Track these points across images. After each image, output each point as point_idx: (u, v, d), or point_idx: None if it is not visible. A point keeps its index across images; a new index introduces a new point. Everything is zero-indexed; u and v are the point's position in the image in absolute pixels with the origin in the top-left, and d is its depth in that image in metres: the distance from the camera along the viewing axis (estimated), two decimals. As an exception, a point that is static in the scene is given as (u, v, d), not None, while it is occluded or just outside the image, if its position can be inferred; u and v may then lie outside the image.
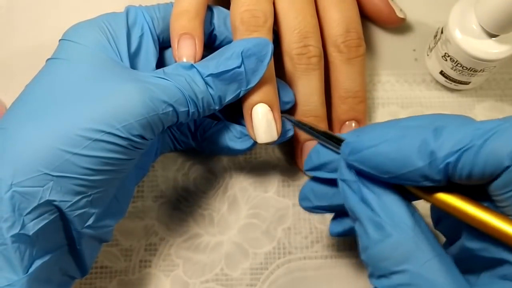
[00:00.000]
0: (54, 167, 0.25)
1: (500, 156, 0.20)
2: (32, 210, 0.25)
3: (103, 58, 0.29)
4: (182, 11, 0.31)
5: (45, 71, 0.29)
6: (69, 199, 0.26)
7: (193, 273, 0.35)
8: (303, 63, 0.33)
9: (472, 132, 0.21)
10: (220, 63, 0.29)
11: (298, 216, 0.36)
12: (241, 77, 0.29)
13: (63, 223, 0.27)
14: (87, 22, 0.30)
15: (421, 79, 0.39)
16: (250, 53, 0.29)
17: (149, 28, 0.32)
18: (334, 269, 0.35)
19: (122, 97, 0.27)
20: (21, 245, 0.25)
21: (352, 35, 0.34)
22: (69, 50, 0.29)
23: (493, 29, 0.32)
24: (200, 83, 0.29)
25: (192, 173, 0.37)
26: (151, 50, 0.32)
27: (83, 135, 0.25)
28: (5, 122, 0.27)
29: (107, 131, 0.26)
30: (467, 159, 0.21)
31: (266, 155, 0.37)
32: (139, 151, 0.28)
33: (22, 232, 0.25)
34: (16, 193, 0.25)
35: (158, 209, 0.36)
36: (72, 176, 0.26)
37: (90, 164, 0.26)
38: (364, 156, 0.24)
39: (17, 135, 0.26)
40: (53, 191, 0.25)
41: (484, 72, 0.35)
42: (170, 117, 0.28)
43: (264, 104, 0.31)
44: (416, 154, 0.22)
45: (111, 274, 0.35)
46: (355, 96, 0.35)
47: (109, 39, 0.30)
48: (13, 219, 0.25)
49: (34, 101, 0.27)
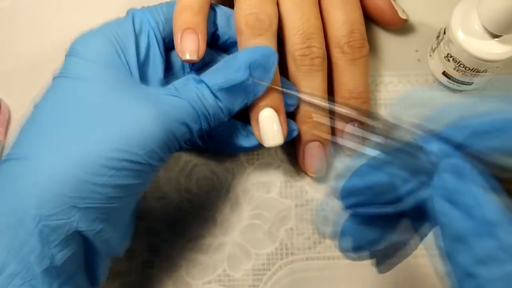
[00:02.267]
0: (81, 198, 0.25)
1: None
2: (61, 242, 0.25)
3: (113, 75, 0.28)
4: (185, 6, 0.31)
5: (54, 91, 0.28)
6: (95, 228, 0.26)
7: (196, 274, 0.35)
8: (306, 64, 0.33)
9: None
10: (229, 77, 0.29)
11: (300, 217, 0.36)
12: (249, 89, 0.30)
13: (85, 246, 0.27)
14: (93, 33, 0.30)
15: (423, 80, 0.39)
16: (257, 65, 0.29)
17: (155, 33, 0.31)
18: (337, 270, 0.35)
19: (141, 122, 0.26)
20: (50, 278, 0.25)
21: (355, 35, 0.34)
22: (77, 67, 0.28)
23: (495, 30, 0.32)
24: (209, 97, 0.29)
25: (194, 174, 0.37)
26: (158, 57, 0.32)
27: (107, 164, 0.25)
28: (22, 148, 0.26)
29: (129, 159, 0.26)
30: None
31: (268, 156, 0.37)
32: (157, 171, 0.28)
33: (51, 265, 0.25)
34: (44, 227, 0.25)
35: (160, 210, 0.36)
36: (98, 205, 0.26)
37: (114, 193, 0.26)
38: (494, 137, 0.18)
39: (39, 165, 0.25)
40: (80, 221, 0.25)
41: (487, 73, 0.35)
42: (185, 135, 0.28)
43: (270, 109, 0.31)
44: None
45: (113, 275, 0.35)
46: (358, 97, 0.35)
47: (118, 51, 0.29)
48: (43, 253, 0.25)
49: (48, 125, 0.27)
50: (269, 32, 0.32)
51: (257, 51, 0.30)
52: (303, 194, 0.36)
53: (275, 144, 0.32)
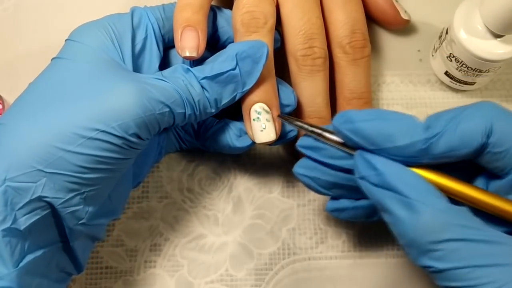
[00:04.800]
0: (48, 163, 0.26)
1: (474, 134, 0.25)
2: (24, 205, 0.26)
3: (104, 58, 0.29)
4: (186, 4, 0.31)
5: (48, 70, 0.29)
6: (62, 196, 0.26)
7: (198, 274, 0.35)
8: (308, 65, 0.33)
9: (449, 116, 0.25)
10: (215, 66, 0.29)
11: (302, 217, 0.36)
12: (237, 80, 0.30)
13: (55, 219, 0.27)
14: (92, 22, 0.31)
15: (426, 80, 0.39)
16: (245, 55, 0.29)
17: (153, 29, 0.32)
18: (339, 270, 0.35)
19: (118, 96, 0.27)
20: (12, 239, 0.25)
21: (357, 36, 0.34)
22: (73, 49, 0.29)
23: (498, 30, 0.32)
24: (196, 86, 0.29)
25: (196, 174, 0.37)
26: (155, 51, 0.32)
27: (78, 133, 0.26)
28: (5, 118, 0.28)
29: (102, 129, 0.26)
30: (445, 140, 0.25)
31: (270, 156, 0.37)
32: (135, 151, 0.28)
33: (13, 226, 0.25)
34: (9, 188, 0.25)
35: (163, 209, 0.36)
36: (65, 173, 0.26)
37: (84, 162, 0.26)
38: (357, 127, 0.26)
39: (13, 131, 0.26)
40: (46, 187, 0.26)
41: (489, 73, 0.35)
42: (167, 118, 0.28)
43: (262, 104, 0.31)
44: (397, 135, 0.25)
45: (116, 274, 0.35)
46: (360, 97, 0.34)
47: (113, 40, 0.30)
48: (5, 214, 0.25)
49: (34, 99, 0.28)
50: (264, 29, 0.32)
51: (246, 43, 0.30)
52: (305, 194, 0.36)
53: (266, 140, 0.31)
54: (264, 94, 0.31)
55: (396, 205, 0.24)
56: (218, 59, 0.30)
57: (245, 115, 0.32)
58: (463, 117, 0.25)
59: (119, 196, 0.31)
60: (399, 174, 0.25)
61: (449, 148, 0.25)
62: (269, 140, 0.31)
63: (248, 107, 0.31)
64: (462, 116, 0.25)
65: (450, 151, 0.25)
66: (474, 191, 0.26)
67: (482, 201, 0.25)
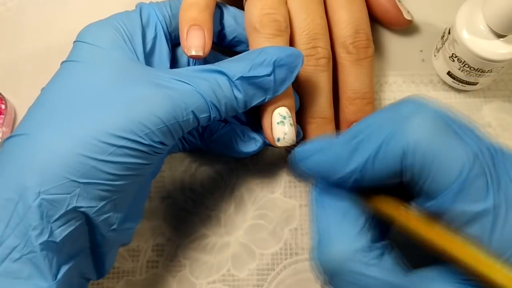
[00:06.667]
0: (81, 174, 0.25)
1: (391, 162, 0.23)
2: (60, 217, 0.25)
3: (120, 59, 0.29)
4: (192, 3, 0.31)
5: (61, 74, 0.29)
6: (95, 205, 0.26)
7: (200, 274, 0.35)
8: (311, 65, 0.33)
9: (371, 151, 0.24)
10: (251, 68, 0.29)
11: (305, 217, 0.36)
12: (269, 85, 0.29)
13: (88, 227, 0.27)
14: (101, 22, 0.30)
15: (428, 80, 0.39)
16: (282, 63, 0.29)
17: (162, 27, 0.32)
18: (341, 270, 0.35)
19: (145, 104, 0.27)
20: (49, 253, 0.25)
21: (361, 36, 0.34)
22: (85, 52, 0.29)
23: (500, 30, 0.31)
24: (225, 86, 0.28)
25: (199, 174, 0.37)
26: (165, 49, 0.32)
27: (108, 142, 0.26)
28: (26, 127, 0.27)
29: (131, 138, 0.26)
30: (370, 170, 0.24)
31: (272, 156, 0.37)
32: (160, 155, 0.28)
33: (50, 239, 0.25)
34: (44, 201, 0.25)
35: (165, 210, 0.36)
36: (98, 182, 0.26)
37: (115, 170, 0.26)
38: (307, 163, 0.26)
39: (41, 142, 0.26)
40: (80, 197, 0.26)
41: (492, 73, 0.35)
42: (191, 123, 0.28)
43: (285, 108, 0.31)
44: (335, 167, 0.25)
45: (118, 274, 0.35)
46: (363, 97, 0.34)
47: (125, 39, 0.30)
48: (42, 227, 0.25)
49: (54, 105, 0.27)
50: (286, 34, 0.32)
51: (284, 50, 0.30)
52: (308, 194, 0.36)
53: (287, 143, 0.31)
54: (288, 99, 0.31)
55: (317, 231, 0.25)
56: (254, 61, 0.29)
57: (267, 117, 0.31)
58: (384, 141, 0.23)
59: (142, 198, 0.31)
60: (331, 211, 0.25)
61: (376, 179, 0.24)
62: (290, 144, 0.31)
63: (271, 110, 0.31)
64: (384, 138, 0.23)
65: (378, 180, 0.24)
66: (404, 217, 0.24)
67: (412, 231, 0.24)
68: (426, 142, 0.22)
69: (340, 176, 0.25)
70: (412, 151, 0.22)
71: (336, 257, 0.24)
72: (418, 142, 0.22)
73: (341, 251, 0.24)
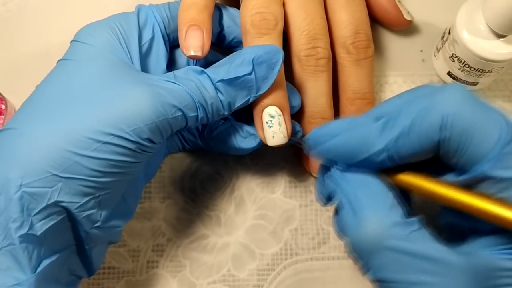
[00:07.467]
0: (63, 168, 0.25)
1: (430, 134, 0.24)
2: (41, 210, 0.25)
3: (113, 59, 0.29)
4: (191, 3, 0.31)
5: (55, 72, 0.29)
6: (78, 200, 0.26)
7: (200, 274, 0.35)
8: (311, 65, 0.33)
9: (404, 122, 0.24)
10: (231, 69, 0.29)
11: (305, 217, 0.36)
12: (251, 84, 0.29)
13: (71, 223, 0.27)
14: (98, 22, 0.31)
15: (428, 80, 0.39)
16: (261, 61, 0.29)
17: (160, 28, 0.32)
18: (341, 270, 0.35)
19: (132, 101, 0.27)
20: (29, 245, 0.25)
21: (361, 36, 0.34)
22: (79, 51, 0.29)
23: (501, 30, 0.31)
24: (210, 88, 0.29)
25: (199, 175, 0.37)
26: (162, 51, 0.32)
27: (93, 137, 0.26)
28: (15, 122, 0.27)
29: (116, 134, 0.26)
30: (403, 145, 0.24)
31: (273, 156, 0.37)
32: (148, 154, 0.28)
33: (30, 232, 0.25)
34: (25, 194, 0.25)
35: (165, 210, 0.36)
36: (81, 177, 0.26)
37: (99, 166, 0.26)
38: (327, 147, 0.26)
39: (26, 136, 0.26)
40: (62, 192, 0.26)
41: (492, 73, 0.35)
42: (179, 121, 0.28)
43: (274, 107, 0.31)
44: (361, 147, 0.25)
45: (118, 274, 0.35)
46: (363, 98, 0.34)
47: (120, 40, 0.30)
48: (22, 219, 0.25)
49: (44, 102, 0.28)
50: (275, 32, 0.32)
51: (262, 47, 0.30)
52: (308, 194, 0.36)
53: (278, 143, 0.31)
54: (276, 97, 0.31)
55: (347, 210, 0.25)
56: (233, 62, 0.29)
57: (257, 117, 0.31)
58: (418, 115, 0.24)
59: (132, 198, 0.31)
60: (359, 187, 0.25)
61: (407, 156, 0.25)
62: (282, 143, 0.31)
63: (260, 110, 0.31)
64: (419, 110, 0.24)
65: (409, 156, 0.25)
66: (442, 188, 0.25)
67: (450, 199, 0.25)
68: (464, 112, 0.23)
69: (368, 155, 0.25)
70: (451, 122, 0.23)
71: (374, 232, 0.23)
72: (455, 113, 0.23)
73: (377, 226, 0.23)
